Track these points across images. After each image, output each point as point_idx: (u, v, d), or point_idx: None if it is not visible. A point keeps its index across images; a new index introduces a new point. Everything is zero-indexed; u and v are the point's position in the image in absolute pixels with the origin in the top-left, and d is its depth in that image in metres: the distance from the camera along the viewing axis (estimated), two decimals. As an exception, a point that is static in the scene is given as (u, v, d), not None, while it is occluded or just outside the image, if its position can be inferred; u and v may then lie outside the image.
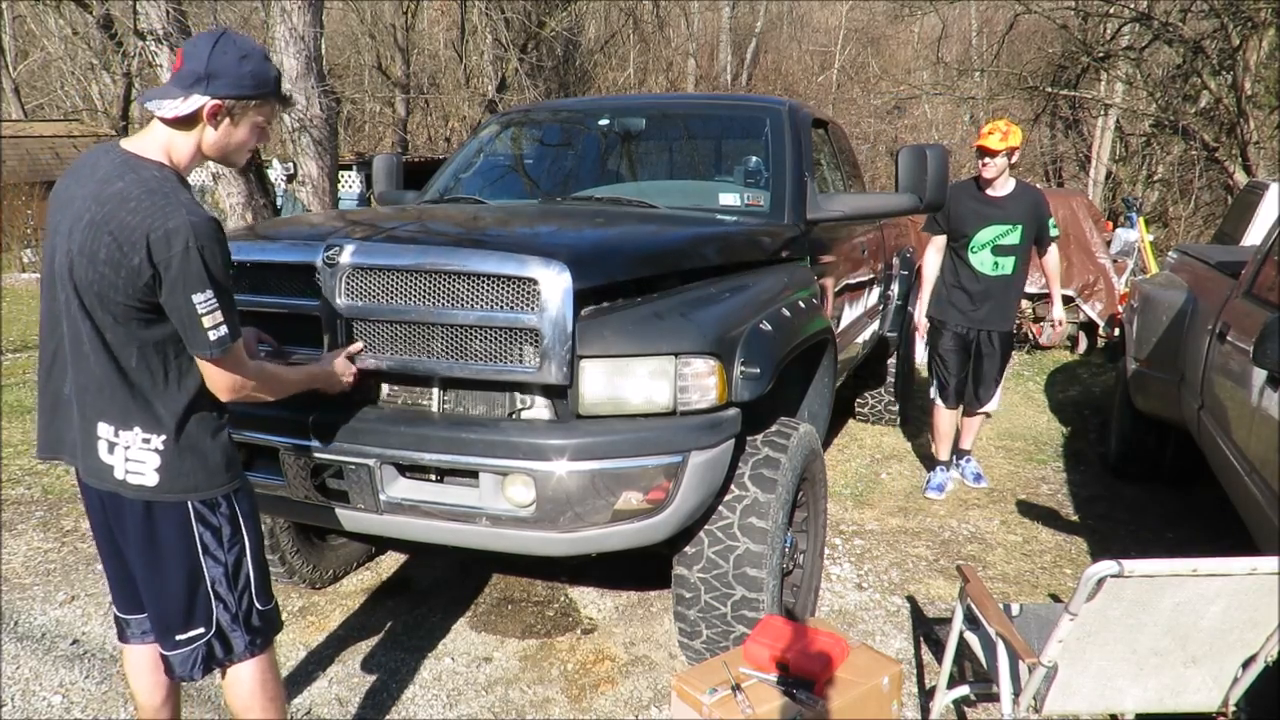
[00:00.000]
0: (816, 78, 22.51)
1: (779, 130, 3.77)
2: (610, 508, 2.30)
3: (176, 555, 1.89)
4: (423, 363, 2.35)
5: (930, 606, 3.43)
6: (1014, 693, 2.14)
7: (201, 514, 1.89)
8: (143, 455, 1.83)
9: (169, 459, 1.84)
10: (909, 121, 17.31)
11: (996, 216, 4.29)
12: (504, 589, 3.50)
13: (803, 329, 2.95)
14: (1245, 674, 2.05)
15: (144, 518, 1.87)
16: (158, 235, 1.69)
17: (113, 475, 1.85)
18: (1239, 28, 9.34)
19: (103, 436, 1.84)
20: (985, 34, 19.26)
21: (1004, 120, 4.34)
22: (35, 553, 3.79)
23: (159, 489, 1.84)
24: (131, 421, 1.82)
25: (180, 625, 1.93)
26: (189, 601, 1.92)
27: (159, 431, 1.83)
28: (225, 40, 1.81)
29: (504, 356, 2.29)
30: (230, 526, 1.94)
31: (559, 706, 2.77)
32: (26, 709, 2.72)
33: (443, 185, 4.11)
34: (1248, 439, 3.06)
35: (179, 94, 1.78)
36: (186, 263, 1.70)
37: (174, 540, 1.88)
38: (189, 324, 1.75)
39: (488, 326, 2.29)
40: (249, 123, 1.87)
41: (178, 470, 1.85)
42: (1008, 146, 4.20)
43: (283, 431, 2.43)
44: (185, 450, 1.85)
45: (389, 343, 2.37)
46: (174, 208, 1.71)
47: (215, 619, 1.94)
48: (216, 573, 1.93)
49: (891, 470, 5.03)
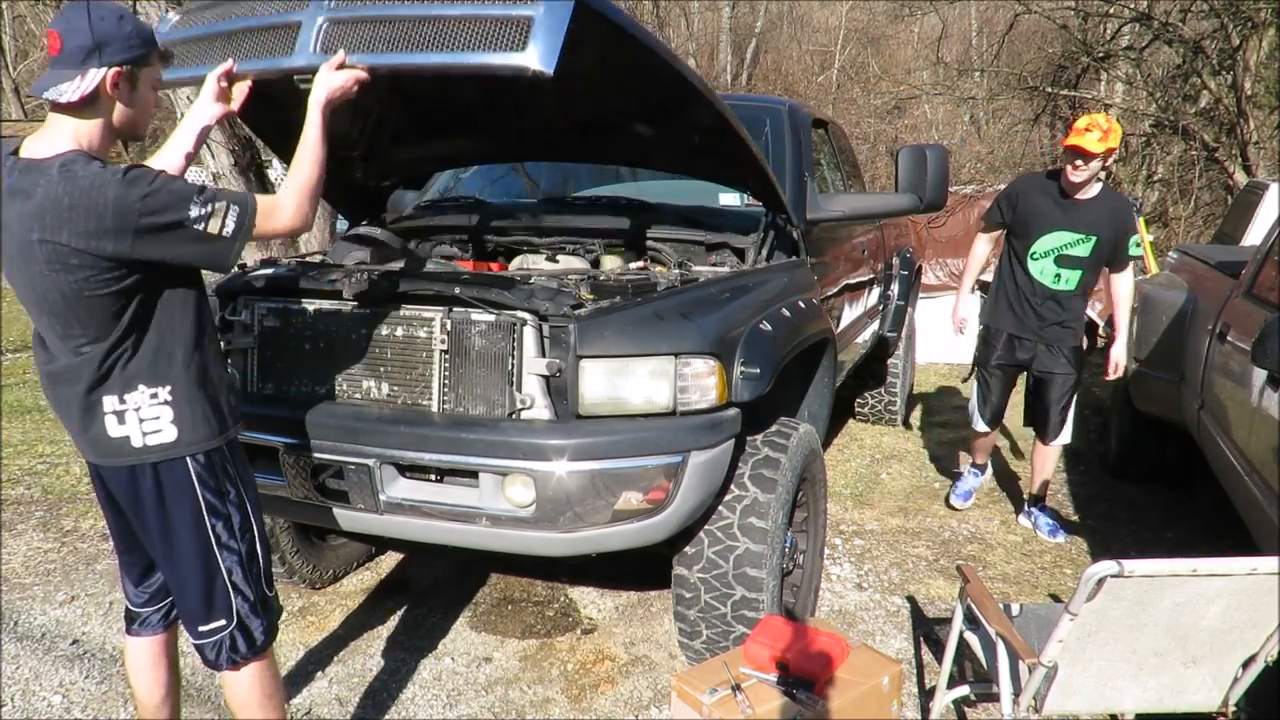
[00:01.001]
0: (816, 78, 22.49)
1: (779, 130, 3.77)
2: (610, 508, 2.31)
3: (190, 536, 1.88)
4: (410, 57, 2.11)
5: (930, 606, 3.43)
6: (1014, 693, 2.14)
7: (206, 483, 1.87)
8: (155, 410, 1.81)
9: (181, 408, 1.83)
10: (909, 121, 17.30)
11: (1068, 222, 3.68)
12: (504, 589, 3.50)
13: (803, 329, 2.95)
14: (1245, 674, 2.05)
15: (155, 487, 1.85)
16: (111, 215, 1.63)
17: (131, 445, 1.82)
18: (1239, 28, 9.34)
19: (109, 410, 1.80)
20: (985, 34, 19.26)
21: (1104, 115, 3.63)
22: (35, 553, 3.79)
23: (179, 443, 1.83)
24: (134, 382, 1.80)
25: (202, 616, 1.94)
26: (207, 592, 1.92)
27: (164, 383, 1.82)
28: (97, 7, 1.73)
29: None
30: (240, 514, 1.94)
31: (559, 706, 2.77)
32: (26, 709, 2.72)
33: (443, 185, 4.11)
34: (1248, 439, 3.06)
35: (74, 74, 1.70)
36: (153, 214, 1.66)
37: (187, 515, 1.87)
38: (205, 248, 1.73)
39: None
40: (148, 83, 1.82)
41: (192, 418, 1.84)
42: (1107, 149, 3.49)
43: (283, 431, 2.43)
44: (195, 397, 1.85)
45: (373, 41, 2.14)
46: (98, 183, 1.64)
47: (235, 610, 1.95)
48: (231, 561, 1.93)
49: (891, 470, 5.03)
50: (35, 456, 4.98)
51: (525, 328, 2.34)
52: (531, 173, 4.14)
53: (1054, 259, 3.74)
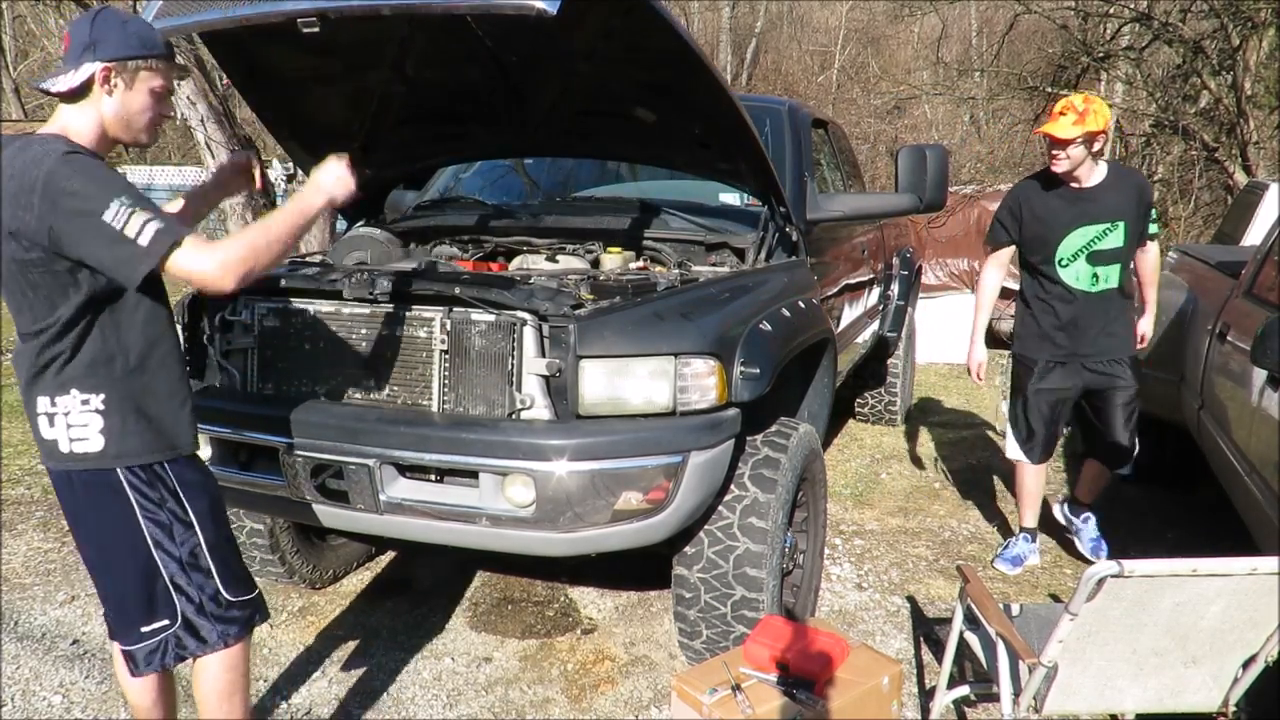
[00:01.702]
0: (816, 78, 22.50)
1: (779, 130, 3.77)
2: (610, 508, 2.31)
3: (124, 539, 1.84)
4: None
5: (930, 606, 3.43)
6: (1014, 693, 2.14)
7: (142, 491, 1.83)
8: (84, 418, 1.78)
9: (112, 419, 1.79)
10: (909, 121, 17.29)
11: (1088, 215, 3.27)
12: (504, 589, 3.50)
13: (803, 329, 2.95)
14: (1245, 674, 2.05)
15: (86, 492, 1.82)
16: (40, 188, 1.65)
17: (59, 449, 1.80)
18: (1239, 28, 9.33)
19: (41, 411, 1.80)
20: (985, 34, 19.25)
21: (1081, 95, 3.20)
22: (35, 553, 3.79)
23: (105, 454, 1.79)
24: (68, 386, 1.77)
25: (143, 617, 1.90)
26: (147, 593, 1.88)
27: (97, 391, 1.78)
28: (106, 12, 1.82)
29: None
30: (181, 524, 1.88)
31: (559, 706, 2.77)
32: (26, 709, 2.72)
33: (443, 185, 4.11)
34: (1248, 439, 3.06)
35: (70, 68, 1.78)
36: (74, 196, 1.65)
37: (119, 521, 1.83)
38: (114, 249, 1.66)
39: None
40: (144, 87, 1.83)
41: (123, 429, 1.79)
42: (1085, 132, 3.09)
43: (283, 432, 2.44)
44: (130, 411, 1.80)
45: None
46: (42, 155, 1.68)
47: (180, 611, 1.91)
48: (172, 567, 1.88)
49: (891, 470, 5.03)
50: (35, 456, 4.98)
51: (525, 328, 2.34)
52: (531, 173, 4.14)
53: (1086, 258, 3.31)
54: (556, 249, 3.29)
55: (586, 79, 2.72)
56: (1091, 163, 3.25)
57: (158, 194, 14.38)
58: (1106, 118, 3.14)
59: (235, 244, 1.76)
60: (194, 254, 1.70)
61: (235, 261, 1.73)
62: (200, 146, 7.84)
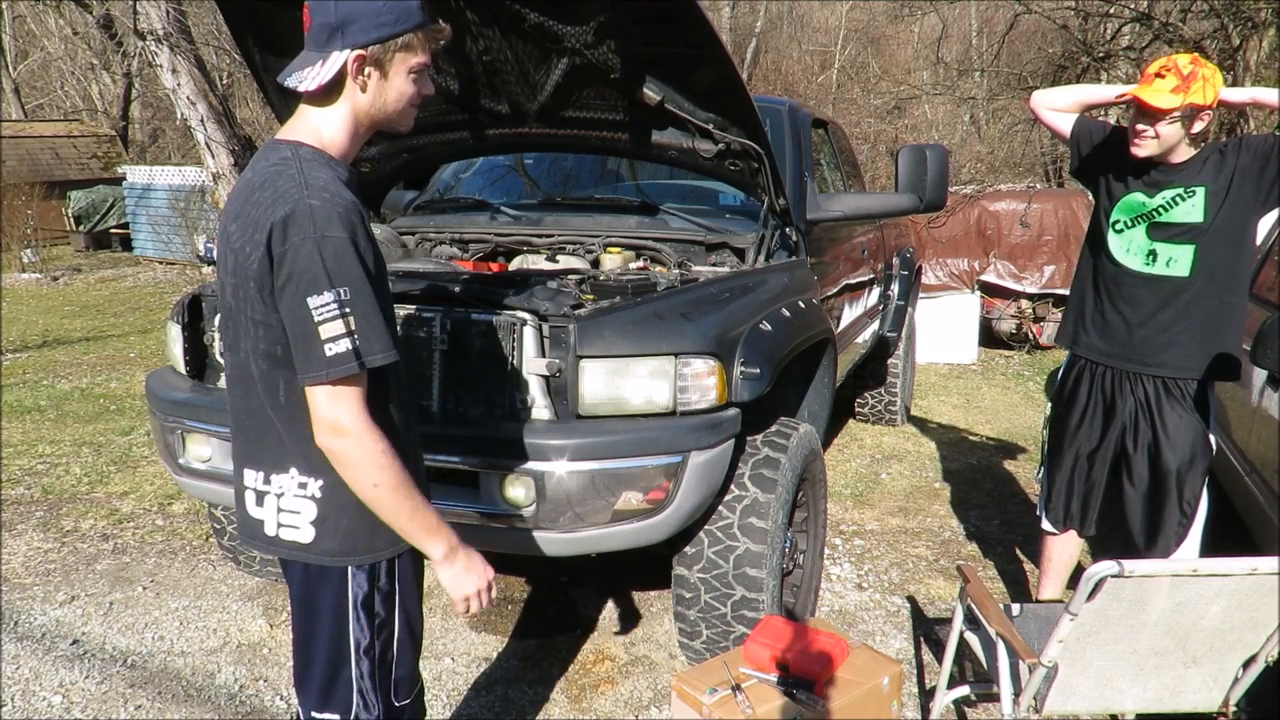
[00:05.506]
0: (816, 78, 22.49)
1: (779, 131, 3.77)
2: (610, 508, 2.31)
3: (327, 629, 1.61)
4: None
5: (930, 606, 3.43)
6: (1014, 693, 2.14)
7: (359, 584, 1.58)
8: (297, 504, 1.54)
9: (327, 510, 1.53)
10: (909, 121, 17.29)
11: (1157, 182, 2.48)
12: (504, 589, 3.50)
13: (802, 329, 2.95)
14: (1245, 674, 2.04)
15: (302, 582, 1.60)
16: (276, 227, 1.40)
17: (263, 531, 1.58)
18: (1239, 28, 9.34)
19: (250, 486, 1.57)
20: (985, 34, 19.27)
21: (1188, 55, 2.35)
22: (35, 553, 3.79)
23: (313, 548, 1.55)
24: (286, 463, 1.53)
25: (317, 703, 1.68)
26: (329, 680, 1.65)
27: (317, 475, 1.52)
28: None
29: None
30: (385, 609, 1.65)
31: (559, 706, 2.77)
32: (26, 709, 2.72)
33: (442, 185, 4.11)
34: (1248, 439, 3.07)
35: (316, 58, 1.47)
36: (297, 258, 1.38)
37: (329, 613, 1.60)
38: (302, 336, 1.40)
39: None
40: (402, 69, 1.52)
41: (336, 525, 1.54)
42: (1188, 104, 2.29)
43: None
44: (348, 500, 1.52)
45: None
46: (293, 190, 1.41)
47: (355, 715, 1.66)
48: (365, 665, 1.64)
49: (891, 470, 5.03)
50: (35, 456, 4.98)
51: (525, 328, 2.34)
52: (531, 173, 4.14)
53: (1146, 229, 2.51)
54: (556, 249, 3.29)
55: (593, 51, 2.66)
56: (1187, 148, 2.43)
57: (158, 194, 14.38)
58: (1218, 90, 2.33)
59: (383, 452, 1.45)
60: (341, 400, 1.42)
61: (351, 446, 1.43)
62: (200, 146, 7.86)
